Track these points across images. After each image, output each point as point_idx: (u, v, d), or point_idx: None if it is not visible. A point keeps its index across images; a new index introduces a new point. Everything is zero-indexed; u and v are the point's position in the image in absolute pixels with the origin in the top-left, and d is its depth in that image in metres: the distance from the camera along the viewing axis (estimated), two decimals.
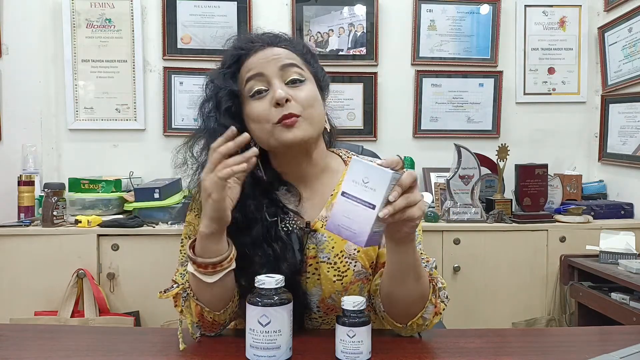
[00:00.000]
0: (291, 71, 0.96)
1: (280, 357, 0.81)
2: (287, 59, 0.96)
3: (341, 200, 0.77)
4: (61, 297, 1.96)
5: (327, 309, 1.01)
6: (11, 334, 1.00)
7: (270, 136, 0.94)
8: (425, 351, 0.90)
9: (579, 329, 1.39)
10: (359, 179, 0.76)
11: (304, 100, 0.94)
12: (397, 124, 2.62)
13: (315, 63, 1.03)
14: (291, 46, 1.00)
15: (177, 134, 2.53)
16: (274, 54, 0.96)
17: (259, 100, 0.94)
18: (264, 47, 0.97)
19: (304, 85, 0.96)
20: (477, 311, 2.13)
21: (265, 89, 0.95)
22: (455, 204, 2.21)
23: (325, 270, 0.98)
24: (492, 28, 2.60)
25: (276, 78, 0.94)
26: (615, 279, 1.78)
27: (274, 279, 0.82)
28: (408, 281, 0.88)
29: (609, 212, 2.32)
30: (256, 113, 0.94)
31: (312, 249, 0.99)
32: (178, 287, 0.94)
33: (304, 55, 1.01)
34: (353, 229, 0.76)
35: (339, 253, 0.99)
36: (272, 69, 0.95)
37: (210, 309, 0.92)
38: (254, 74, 0.95)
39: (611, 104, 2.53)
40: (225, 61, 0.99)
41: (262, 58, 0.96)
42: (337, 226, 0.77)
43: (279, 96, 0.91)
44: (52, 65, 2.50)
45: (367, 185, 0.75)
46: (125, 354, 0.89)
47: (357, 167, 0.77)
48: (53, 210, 2.05)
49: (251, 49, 0.97)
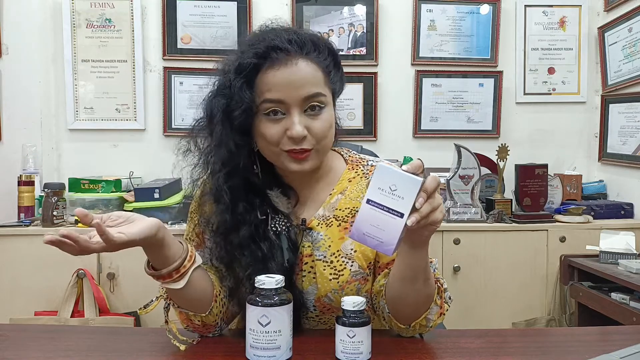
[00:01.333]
0: (314, 100, 0.91)
1: (280, 357, 0.81)
2: (312, 88, 0.90)
3: (366, 208, 0.75)
4: (61, 297, 1.97)
5: (323, 308, 1.01)
6: (11, 334, 1.00)
7: (277, 159, 0.94)
8: (425, 351, 0.90)
9: (579, 329, 1.39)
10: (386, 186, 0.74)
11: (319, 133, 0.92)
12: (397, 124, 2.62)
13: (336, 73, 0.98)
14: (316, 57, 0.93)
15: (177, 134, 2.53)
16: (299, 78, 0.89)
17: (273, 122, 0.91)
18: (288, 58, 0.90)
19: (323, 112, 0.93)
20: (477, 311, 2.13)
21: (283, 113, 0.90)
22: (455, 204, 2.21)
23: (321, 268, 0.98)
24: (492, 28, 2.60)
25: (297, 107, 0.90)
26: (615, 279, 1.78)
27: (274, 279, 0.82)
28: (418, 283, 0.88)
29: (609, 212, 2.32)
30: (268, 135, 0.91)
31: (307, 247, 0.99)
32: (156, 300, 0.93)
33: (328, 67, 0.95)
34: (380, 238, 0.75)
35: (335, 252, 0.98)
36: (294, 98, 0.89)
37: (194, 312, 0.92)
38: (274, 99, 0.89)
39: (611, 104, 2.53)
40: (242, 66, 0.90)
41: (285, 79, 0.89)
42: (362, 235, 0.76)
43: (297, 134, 0.89)
44: (52, 65, 2.50)
45: (395, 193, 0.74)
46: (125, 354, 0.89)
47: (383, 174, 0.74)
48: (53, 210, 2.05)
49: (274, 60, 0.89)
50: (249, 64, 0.89)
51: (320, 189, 1.03)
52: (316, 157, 0.94)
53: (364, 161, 1.07)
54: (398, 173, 0.74)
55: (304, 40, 0.92)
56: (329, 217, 1.00)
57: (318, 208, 1.01)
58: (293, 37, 0.92)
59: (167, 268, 0.87)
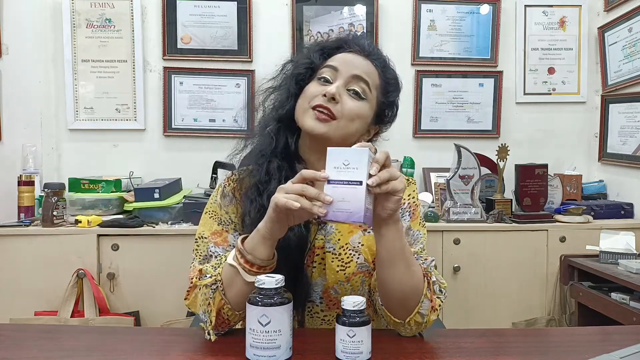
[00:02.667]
0: (358, 84, 1.02)
1: (280, 357, 0.81)
2: (363, 73, 1.03)
3: (329, 188, 0.82)
4: (61, 297, 1.96)
5: (329, 302, 1.04)
6: (11, 334, 1.00)
7: (301, 114, 1.02)
8: (425, 351, 0.90)
9: (579, 329, 1.39)
10: (339, 163, 0.82)
11: (347, 110, 1.00)
12: (397, 124, 2.59)
13: (394, 94, 1.09)
14: (382, 69, 1.06)
15: (177, 134, 2.53)
16: (359, 62, 1.03)
17: (319, 84, 1.02)
18: (361, 53, 1.05)
19: (360, 101, 1.02)
20: (477, 311, 2.13)
21: (330, 80, 1.02)
22: (455, 204, 2.21)
23: (330, 260, 1.03)
24: (492, 28, 2.61)
25: (342, 79, 1.01)
26: (615, 279, 1.78)
27: (274, 278, 0.82)
28: (398, 267, 0.91)
29: (609, 212, 2.32)
30: (308, 91, 1.02)
31: (320, 240, 1.04)
32: (211, 278, 0.93)
33: (388, 82, 1.08)
34: (348, 209, 0.81)
35: (344, 245, 1.04)
36: (345, 71, 1.02)
37: (231, 306, 0.92)
38: (331, 65, 1.03)
39: (611, 104, 2.53)
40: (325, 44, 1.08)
41: (347, 58, 1.03)
42: (333, 213, 0.81)
43: (330, 90, 0.98)
44: (52, 65, 2.50)
45: (349, 166, 0.81)
46: (125, 354, 0.89)
47: (334, 153, 0.82)
48: (53, 210, 2.05)
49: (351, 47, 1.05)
50: (332, 42, 1.08)
51: None
52: (334, 127, 1.00)
53: None
54: (346, 149, 0.83)
55: (380, 55, 1.08)
56: None
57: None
58: (375, 49, 1.08)
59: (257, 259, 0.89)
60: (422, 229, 1.08)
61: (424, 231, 1.08)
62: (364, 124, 1.05)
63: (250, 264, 0.89)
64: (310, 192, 0.83)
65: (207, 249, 1.02)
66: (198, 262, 1.02)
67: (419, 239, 1.05)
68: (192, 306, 0.99)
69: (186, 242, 1.97)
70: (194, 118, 2.55)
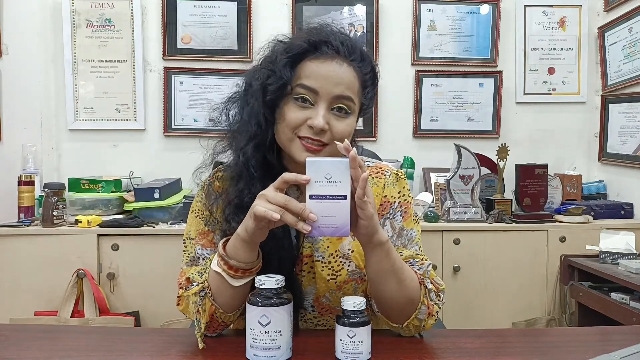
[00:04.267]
0: (343, 103, 0.93)
1: (280, 357, 0.81)
2: (346, 90, 0.93)
3: (312, 203, 0.80)
4: (61, 297, 1.96)
5: (321, 309, 1.03)
6: (11, 334, 1.00)
7: (289, 144, 0.94)
8: (425, 351, 0.90)
9: (579, 329, 1.39)
10: (321, 177, 0.80)
11: (338, 134, 0.92)
12: (397, 124, 2.62)
13: (372, 89, 1.00)
14: (359, 67, 0.96)
15: (177, 134, 2.53)
16: (338, 77, 0.92)
17: (299, 108, 0.93)
18: (335, 57, 0.93)
19: (348, 117, 0.94)
20: (477, 311, 2.13)
21: (312, 103, 0.93)
22: (455, 204, 2.21)
23: (320, 269, 0.99)
24: (492, 28, 2.60)
25: (325, 102, 0.92)
26: (615, 279, 1.78)
27: (274, 279, 0.82)
28: (390, 284, 0.90)
29: (609, 212, 2.32)
30: (290, 118, 0.92)
31: (308, 248, 1.01)
32: (198, 286, 0.93)
33: (366, 80, 0.97)
34: (334, 224, 0.80)
35: (333, 253, 1.00)
36: (326, 92, 0.92)
37: (224, 310, 0.92)
38: (308, 86, 0.92)
39: (611, 104, 2.53)
40: (292, 47, 0.94)
41: (325, 73, 0.92)
42: (318, 228, 0.80)
43: (318, 125, 0.90)
44: (52, 65, 2.50)
45: (331, 180, 0.80)
46: (125, 354, 0.89)
47: (314, 167, 0.80)
48: (53, 210, 2.05)
49: (322, 53, 0.93)
50: (299, 47, 0.93)
51: None
52: (327, 152, 0.93)
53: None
54: (327, 162, 0.80)
55: (355, 48, 0.96)
56: None
57: None
58: (347, 41, 0.95)
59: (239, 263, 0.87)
60: (416, 225, 1.04)
61: (417, 228, 1.04)
62: (352, 135, 0.99)
63: (234, 269, 0.88)
64: (293, 207, 0.80)
65: (195, 250, 1.01)
66: (185, 263, 1.01)
67: (414, 238, 1.02)
68: (186, 312, 0.99)
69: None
70: (194, 118, 2.55)
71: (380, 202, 1.03)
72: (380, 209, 1.03)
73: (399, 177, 1.07)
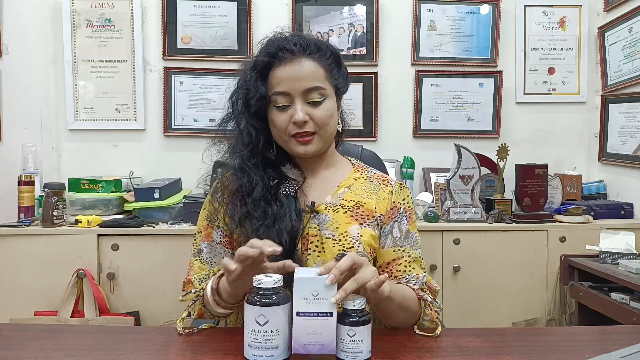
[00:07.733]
0: (313, 93, 1.06)
1: (278, 357, 0.81)
2: (312, 81, 1.05)
3: (298, 320, 0.81)
4: (61, 297, 1.97)
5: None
6: (11, 334, 1.00)
7: (286, 144, 1.09)
8: (425, 350, 0.90)
9: (579, 329, 1.39)
10: (308, 294, 0.81)
11: (319, 120, 1.06)
12: (397, 124, 2.62)
13: (338, 71, 1.11)
14: (318, 56, 1.08)
15: (177, 134, 2.53)
16: (301, 73, 1.05)
17: (282, 112, 1.06)
18: (293, 57, 1.05)
19: (323, 103, 1.07)
20: (477, 311, 2.13)
21: (288, 104, 1.06)
22: (455, 204, 2.21)
23: (331, 245, 1.06)
24: (492, 28, 2.60)
25: (299, 97, 1.05)
26: (615, 279, 1.78)
27: (272, 278, 0.82)
28: (395, 315, 1.00)
29: (609, 212, 2.32)
30: (277, 123, 1.06)
31: (313, 228, 1.08)
32: (194, 293, 1.06)
33: (330, 65, 1.09)
34: (320, 342, 0.81)
35: (343, 233, 1.08)
36: (296, 90, 1.05)
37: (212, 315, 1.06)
38: (280, 91, 1.05)
39: (611, 104, 2.53)
40: (257, 64, 1.07)
41: (289, 74, 1.05)
42: (304, 345, 0.81)
43: (298, 119, 1.04)
44: (52, 65, 2.50)
45: (318, 297, 0.81)
46: (125, 354, 0.89)
47: (302, 285, 0.81)
48: (53, 210, 2.05)
49: (281, 59, 1.06)
50: (261, 62, 1.07)
51: (327, 176, 1.15)
52: (319, 141, 1.08)
53: (368, 168, 1.22)
54: (314, 280, 0.81)
55: (308, 43, 1.08)
56: (336, 205, 1.11)
57: (325, 194, 1.12)
58: (298, 40, 1.07)
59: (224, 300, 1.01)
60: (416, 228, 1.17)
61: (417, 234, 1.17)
62: (335, 114, 1.11)
63: (218, 302, 1.01)
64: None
65: (200, 243, 1.14)
66: (193, 255, 1.15)
67: (418, 241, 1.15)
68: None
69: (186, 242, 1.95)
70: (194, 118, 2.55)
71: (391, 207, 1.14)
72: (390, 213, 1.13)
73: (402, 187, 1.19)
